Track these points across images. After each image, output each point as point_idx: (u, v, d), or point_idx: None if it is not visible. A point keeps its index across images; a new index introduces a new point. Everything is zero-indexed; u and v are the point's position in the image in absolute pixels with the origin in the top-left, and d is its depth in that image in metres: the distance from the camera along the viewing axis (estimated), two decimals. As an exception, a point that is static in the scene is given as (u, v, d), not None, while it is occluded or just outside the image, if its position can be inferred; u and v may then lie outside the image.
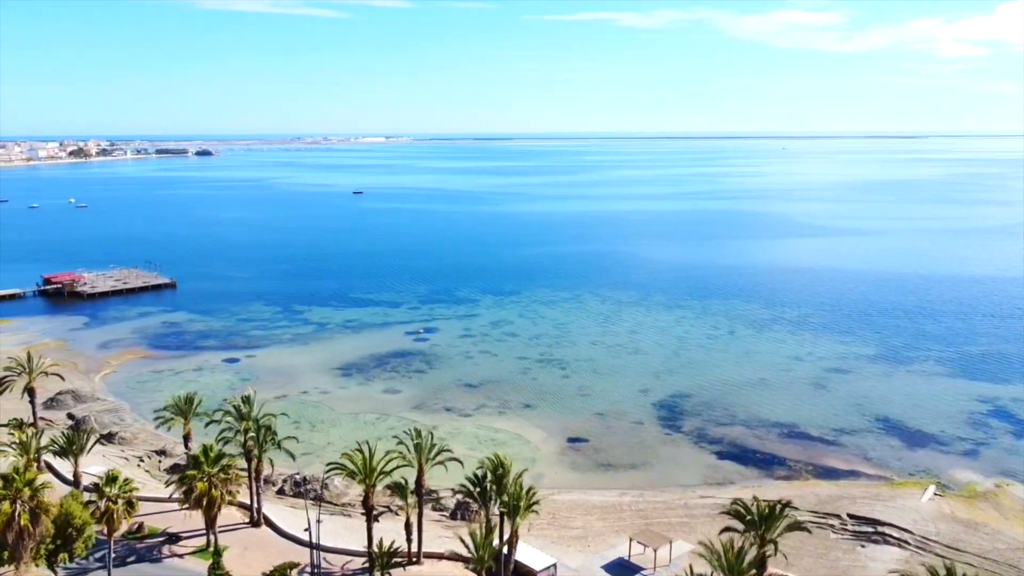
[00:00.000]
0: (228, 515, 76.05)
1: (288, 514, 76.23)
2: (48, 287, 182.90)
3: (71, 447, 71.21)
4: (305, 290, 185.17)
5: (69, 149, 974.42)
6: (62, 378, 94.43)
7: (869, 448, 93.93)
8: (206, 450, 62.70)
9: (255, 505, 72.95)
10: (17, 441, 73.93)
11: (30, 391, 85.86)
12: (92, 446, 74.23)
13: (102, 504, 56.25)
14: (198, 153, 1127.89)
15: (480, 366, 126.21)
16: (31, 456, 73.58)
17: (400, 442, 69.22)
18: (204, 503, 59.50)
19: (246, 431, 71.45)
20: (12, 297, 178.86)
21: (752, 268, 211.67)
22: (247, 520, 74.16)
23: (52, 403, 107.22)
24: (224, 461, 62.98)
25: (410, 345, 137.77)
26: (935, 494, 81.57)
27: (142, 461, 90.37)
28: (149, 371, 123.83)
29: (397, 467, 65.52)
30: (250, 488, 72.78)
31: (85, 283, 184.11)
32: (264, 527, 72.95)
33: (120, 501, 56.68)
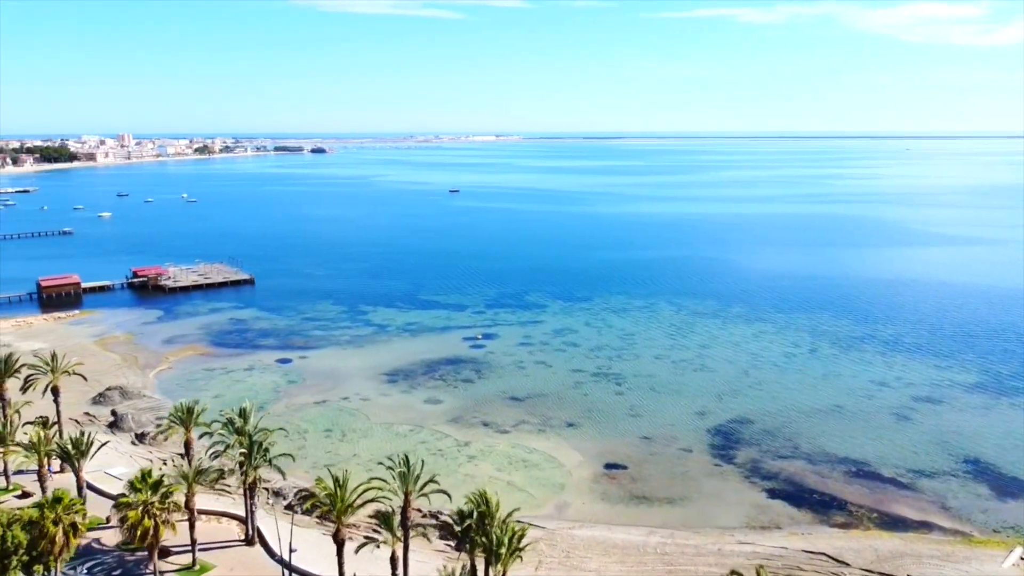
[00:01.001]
0: (227, 530, 73.62)
1: (288, 532, 72.61)
2: (135, 280, 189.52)
3: (74, 451, 69.94)
4: (376, 290, 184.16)
5: (195, 146, 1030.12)
6: (84, 378, 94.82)
7: (950, 495, 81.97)
8: (144, 475, 59.32)
9: (249, 522, 69.67)
10: (30, 441, 73.63)
11: (54, 389, 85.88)
12: (96, 451, 72.64)
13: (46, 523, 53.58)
14: (313, 151, 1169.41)
15: (531, 378, 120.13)
16: (40, 457, 73.31)
17: (390, 467, 63.63)
18: (138, 534, 56.04)
19: (240, 445, 67.81)
20: (103, 289, 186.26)
21: (850, 279, 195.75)
22: (244, 537, 71.07)
23: (100, 399, 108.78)
24: (165, 488, 59.13)
25: (465, 352, 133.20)
26: (1022, 558, 69.58)
27: (165, 464, 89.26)
28: (202, 369, 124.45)
29: (372, 500, 59.97)
30: (245, 505, 69.61)
31: (168, 277, 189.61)
32: (258, 546, 69.61)
33: (62, 524, 53.87)
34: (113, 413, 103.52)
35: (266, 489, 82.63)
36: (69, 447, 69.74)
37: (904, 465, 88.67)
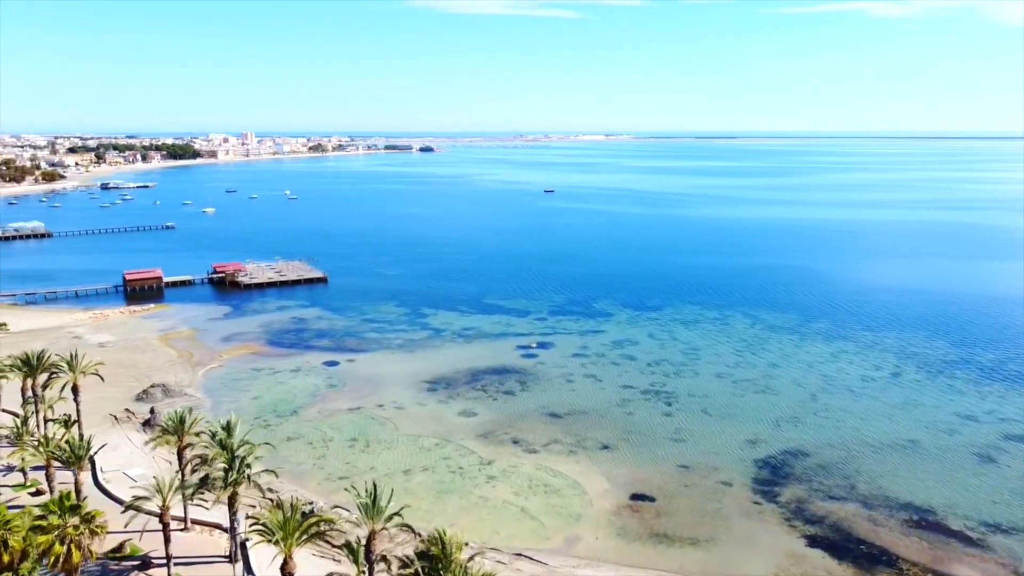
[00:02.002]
0: (217, 544, 71.52)
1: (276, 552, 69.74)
2: (215, 276, 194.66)
3: (74, 455, 69.50)
4: (443, 292, 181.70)
5: (309, 145, 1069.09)
6: (101, 378, 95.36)
7: (1027, 558, 70.55)
8: (62, 498, 57.00)
9: (232, 538, 67.13)
10: (38, 441, 74.03)
11: (74, 389, 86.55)
12: (95, 453, 72.03)
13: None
14: (421, 149, 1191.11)
15: (576, 392, 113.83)
16: (47, 458, 73.47)
17: (359, 494, 59.29)
18: (52, 561, 53.76)
19: (221, 459, 65.27)
20: (184, 283, 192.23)
21: (957, 294, 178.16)
22: (228, 553, 68.64)
23: (143, 395, 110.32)
24: (86, 510, 56.64)
25: (515, 361, 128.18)
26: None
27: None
28: (250, 368, 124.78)
29: (325, 531, 55.86)
30: (230, 520, 67.12)
31: (246, 274, 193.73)
32: (239, 564, 67.00)
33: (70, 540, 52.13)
34: (152, 411, 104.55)
35: (271, 500, 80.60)
36: (67, 450, 69.27)
37: (977, 517, 77.33)
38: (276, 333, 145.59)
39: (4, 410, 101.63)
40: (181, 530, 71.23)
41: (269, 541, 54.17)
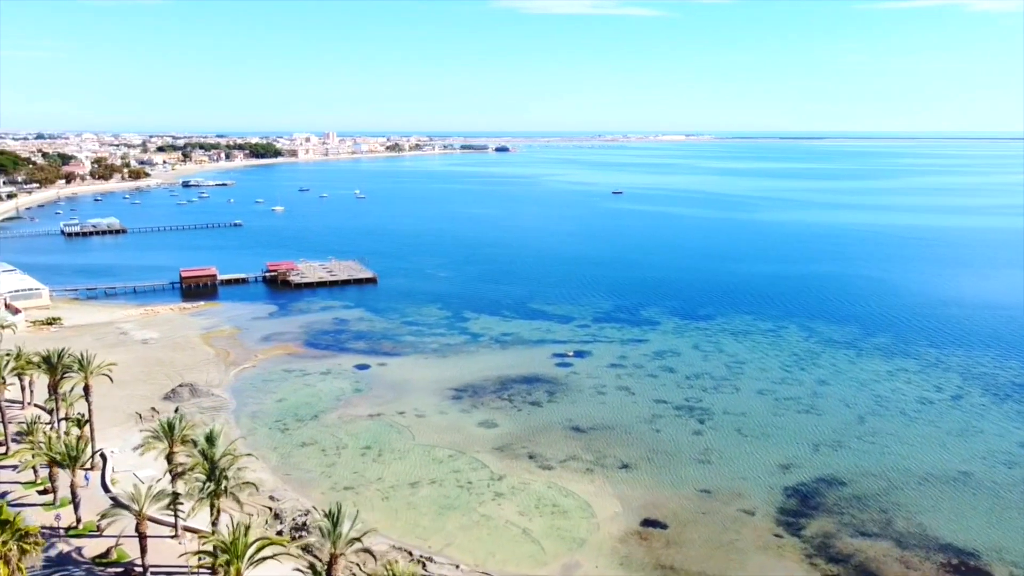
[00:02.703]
0: (204, 553, 70.18)
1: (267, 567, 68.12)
2: (268, 274, 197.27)
3: (68, 457, 69.54)
4: (489, 295, 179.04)
5: (387, 145, 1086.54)
6: (111, 379, 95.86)
7: (1080, 616, 62.65)
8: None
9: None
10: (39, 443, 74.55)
11: (85, 388, 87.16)
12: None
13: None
14: (497, 149, 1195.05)
15: (605, 406, 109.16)
16: (47, 458, 73.82)
17: (328, 513, 56.76)
18: None
19: (202, 470, 63.90)
20: (238, 281, 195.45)
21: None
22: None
23: (171, 395, 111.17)
24: (21, 526, 55.24)
25: (547, 370, 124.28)
26: None
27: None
28: (282, 369, 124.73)
29: (272, 556, 53.38)
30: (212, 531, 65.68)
31: (297, 273, 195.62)
32: (220, 577, 65.43)
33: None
34: (176, 411, 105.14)
35: (269, 508, 79.35)
36: (63, 452, 69.33)
37: (1027, 564, 69.48)
38: (315, 334, 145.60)
39: (36, 405, 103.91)
40: (172, 537, 70.34)
41: (212, 567, 52.10)
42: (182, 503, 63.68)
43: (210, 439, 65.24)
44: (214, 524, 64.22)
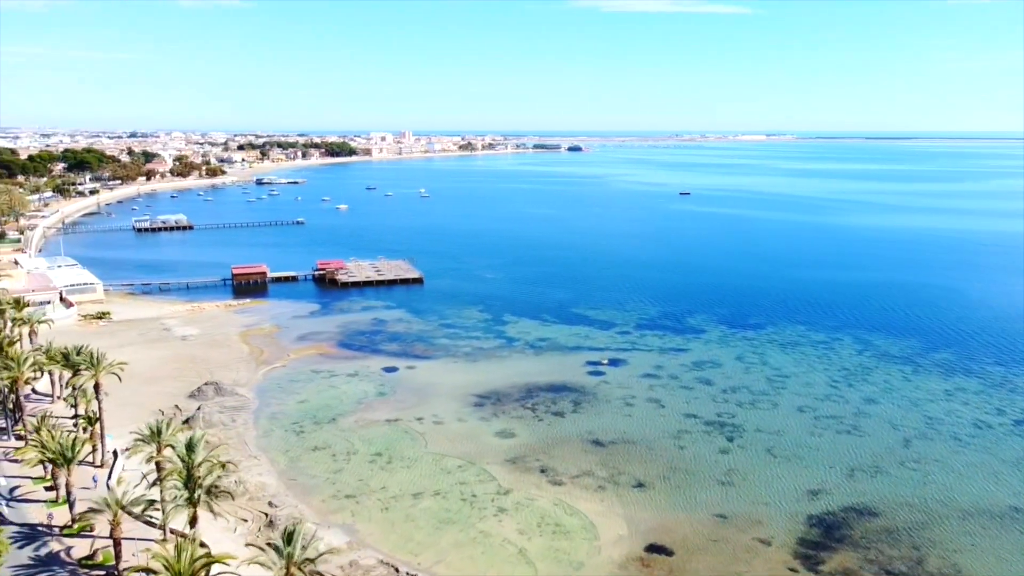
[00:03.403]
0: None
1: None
2: (318, 272, 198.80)
3: (62, 457, 69.71)
4: (533, 298, 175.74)
5: (459, 144, 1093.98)
6: (119, 379, 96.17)
7: None
8: None
9: (192, 558, 64.47)
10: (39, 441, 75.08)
11: (96, 387, 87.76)
12: (82, 459, 71.90)
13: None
14: (570, 148, 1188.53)
15: (631, 418, 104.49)
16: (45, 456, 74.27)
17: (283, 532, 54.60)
18: None
19: (178, 476, 62.78)
20: (288, 279, 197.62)
21: None
22: (194, 571, 66.18)
23: (197, 392, 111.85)
24: None
25: (578, 378, 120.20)
26: None
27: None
28: (310, 370, 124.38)
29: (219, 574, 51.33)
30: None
31: (345, 272, 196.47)
32: (198, 584, 64.26)
33: None
34: (198, 409, 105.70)
35: (265, 514, 78.17)
36: (58, 451, 69.53)
37: (1073, 618, 62.05)
38: (351, 334, 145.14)
39: (64, 399, 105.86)
40: (160, 540, 69.68)
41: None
42: (159, 508, 62.64)
43: (190, 446, 63.96)
44: (191, 528, 62.98)
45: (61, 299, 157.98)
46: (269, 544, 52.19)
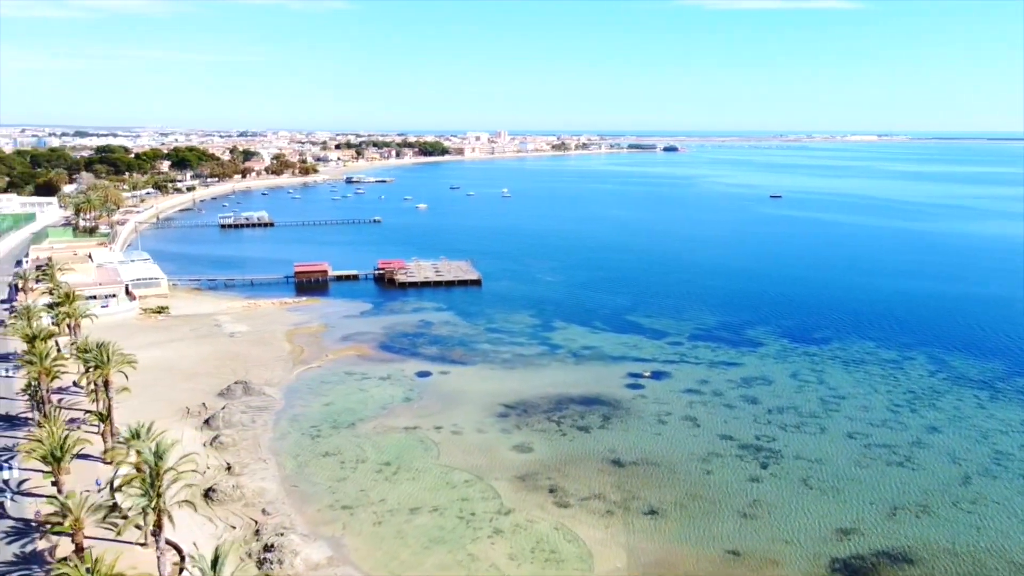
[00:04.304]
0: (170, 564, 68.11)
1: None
2: (378, 272, 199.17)
3: (51, 457, 69.98)
4: (588, 304, 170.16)
5: (552, 143, 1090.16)
6: (127, 376, 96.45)
7: None
8: None
9: (159, 571, 63.15)
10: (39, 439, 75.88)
11: (105, 383, 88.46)
12: (72, 456, 72.03)
13: None
14: (665, 149, 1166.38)
15: (660, 437, 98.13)
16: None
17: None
18: None
19: (142, 484, 61.43)
20: (349, 278, 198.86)
21: None
22: (164, 579, 64.93)
23: (226, 391, 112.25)
24: None
25: (614, 391, 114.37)
26: None
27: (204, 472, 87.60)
28: (344, 372, 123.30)
29: None
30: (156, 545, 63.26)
31: (405, 272, 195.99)
32: (164, 593, 62.92)
33: None
34: (223, 408, 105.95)
35: (255, 521, 76.57)
36: (49, 448, 69.87)
37: None
38: (394, 336, 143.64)
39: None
40: (141, 545, 68.96)
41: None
42: (125, 516, 61.58)
43: (157, 453, 62.61)
44: (155, 536, 61.64)
45: (127, 292, 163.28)
46: (198, 568, 49.79)
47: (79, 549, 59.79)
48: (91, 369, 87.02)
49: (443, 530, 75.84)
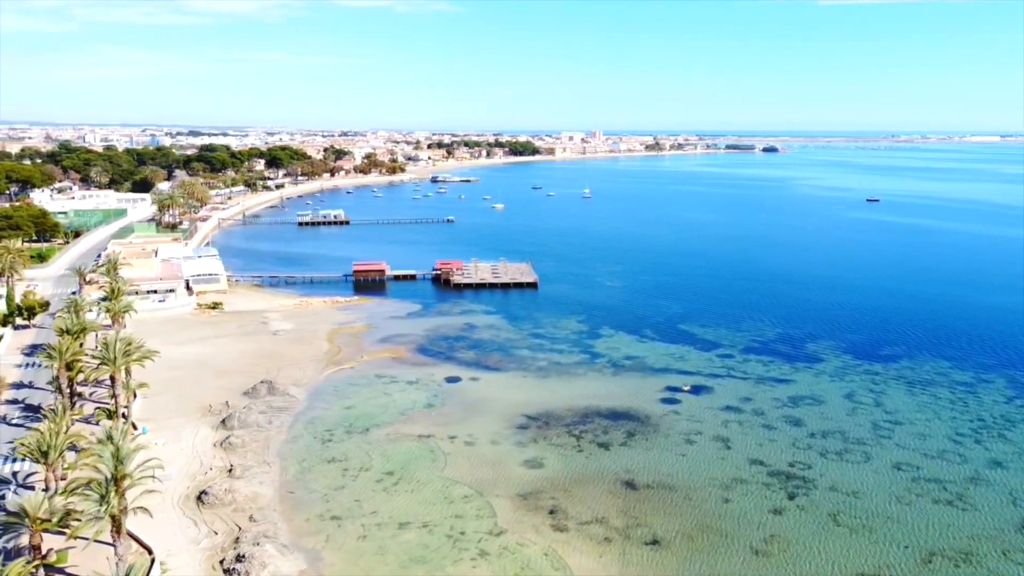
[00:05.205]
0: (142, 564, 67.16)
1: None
2: (436, 272, 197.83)
3: (38, 453, 70.41)
4: (642, 310, 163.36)
5: (646, 143, 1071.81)
6: (130, 374, 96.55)
7: None
8: None
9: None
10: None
11: (112, 380, 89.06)
12: (63, 451, 72.21)
13: None
14: (764, 149, 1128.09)
15: (684, 459, 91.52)
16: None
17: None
18: None
19: (98, 488, 60.41)
20: (407, 278, 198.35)
21: None
22: (125, 584, 63.88)
23: (251, 390, 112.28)
24: None
25: (646, 406, 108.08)
26: None
27: (231, 471, 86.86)
28: (375, 374, 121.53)
29: None
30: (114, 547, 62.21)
31: (461, 273, 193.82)
32: (121, 599, 61.77)
33: None
34: (246, 408, 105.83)
35: (239, 527, 75.03)
36: (34, 448, 70.31)
37: None
38: (434, 339, 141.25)
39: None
40: (111, 545, 68.37)
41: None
42: (79, 519, 60.79)
43: (117, 456, 61.58)
44: (116, 547, 60.60)
45: (187, 288, 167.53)
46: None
47: (35, 549, 59.39)
48: (99, 366, 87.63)
49: (427, 549, 72.31)
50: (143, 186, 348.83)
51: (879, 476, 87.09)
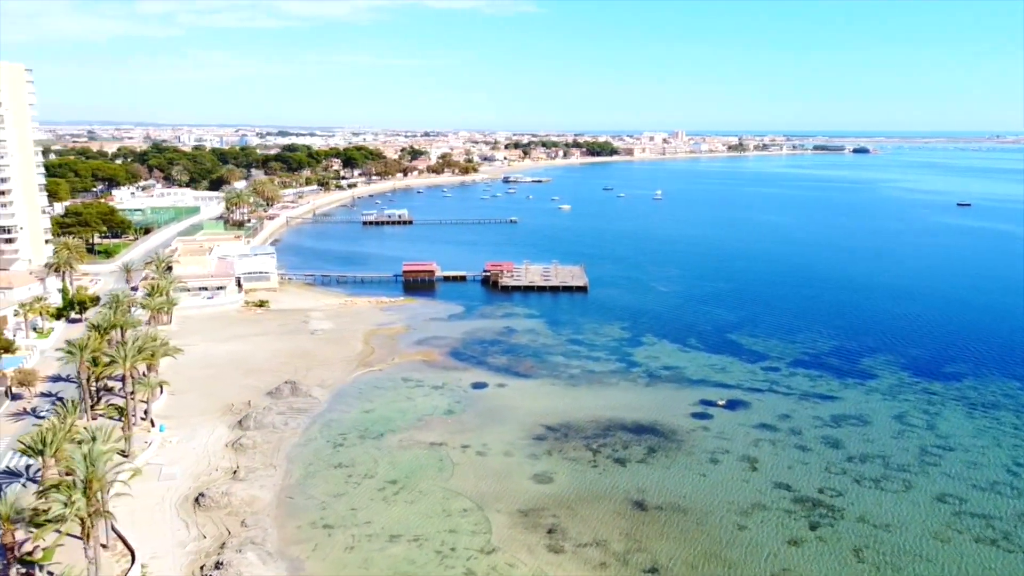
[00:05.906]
0: (122, 566, 66.97)
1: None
2: (485, 274, 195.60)
3: (33, 451, 71.13)
4: (691, 318, 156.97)
5: (728, 144, 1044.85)
6: (135, 371, 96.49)
7: None
8: None
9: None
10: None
11: (122, 378, 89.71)
12: (59, 447, 72.72)
13: None
14: (855, 150, 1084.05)
15: (704, 480, 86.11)
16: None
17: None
18: None
19: (67, 490, 60.03)
20: (457, 279, 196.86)
21: None
22: (102, 586, 63.58)
23: (274, 391, 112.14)
24: None
25: (675, 420, 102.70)
26: None
27: (236, 473, 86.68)
28: (402, 377, 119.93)
29: None
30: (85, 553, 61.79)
31: (510, 275, 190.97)
32: (93, 602, 61.43)
33: None
34: (265, 408, 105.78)
35: (229, 531, 74.07)
36: (28, 447, 71.12)
37: None
38: (469, 343, 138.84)
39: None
40: (103, 546, 68.39)
41: None
42: (49, 520, 60.58)
43: (87, 460, 61.14)
44: (88, 549, 60.22)
45: (238, 285, 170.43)
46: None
47: (8, 549, 59.57)
48: (110, 363, 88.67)
49: (413, 564, 69.71)
50: (219, 184, 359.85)
51: (917, 508, 79.67)
